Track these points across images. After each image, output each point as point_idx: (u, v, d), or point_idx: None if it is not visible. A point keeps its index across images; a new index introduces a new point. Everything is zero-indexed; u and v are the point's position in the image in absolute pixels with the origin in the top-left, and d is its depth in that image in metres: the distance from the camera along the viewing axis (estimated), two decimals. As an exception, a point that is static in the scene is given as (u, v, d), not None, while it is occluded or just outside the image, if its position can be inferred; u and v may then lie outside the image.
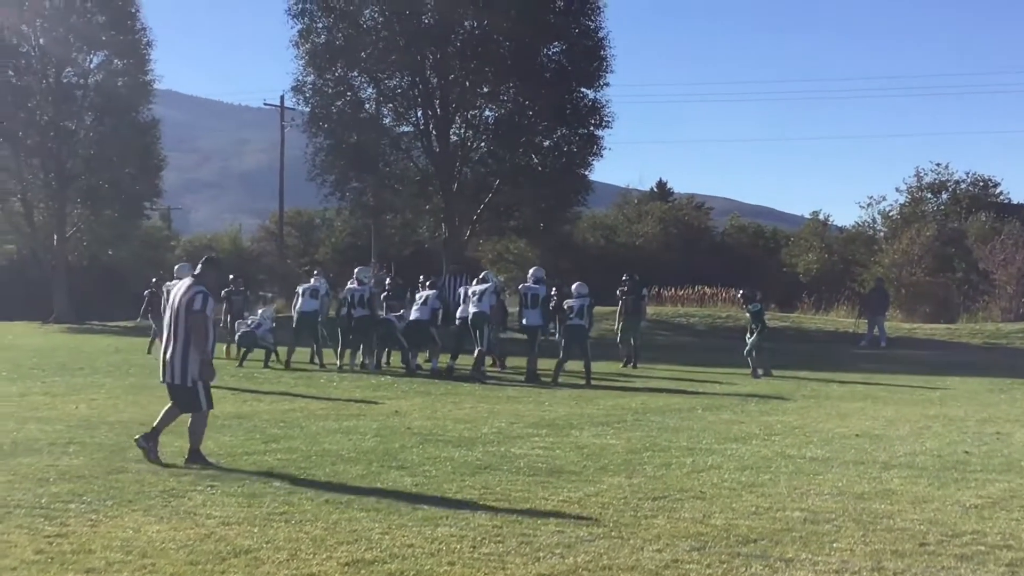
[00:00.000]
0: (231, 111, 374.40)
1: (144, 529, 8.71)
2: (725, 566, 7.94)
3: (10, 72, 49.90)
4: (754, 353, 25.57)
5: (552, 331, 26.94)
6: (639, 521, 9.31)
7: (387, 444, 13.52)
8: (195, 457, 11.86)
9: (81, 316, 49.23)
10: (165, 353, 12.10)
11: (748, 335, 25.97)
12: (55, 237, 51.44)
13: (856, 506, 10.09)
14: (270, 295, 60.85)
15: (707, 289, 49.64)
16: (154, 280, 31.57)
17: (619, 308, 29.69)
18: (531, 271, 25.53)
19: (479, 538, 8.59)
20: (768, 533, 8.94)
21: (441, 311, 26.73)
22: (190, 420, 12.06)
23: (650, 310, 44.86)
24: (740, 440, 14.48)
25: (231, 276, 30.92)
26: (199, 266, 12.43)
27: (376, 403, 18.49)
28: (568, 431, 15.19)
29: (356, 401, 18.73)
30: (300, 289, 26.88)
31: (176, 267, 23.75)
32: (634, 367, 27.50)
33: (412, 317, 25.16)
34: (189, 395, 12.04)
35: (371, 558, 7.96)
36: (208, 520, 9.06)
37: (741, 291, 27.98)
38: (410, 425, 15.48)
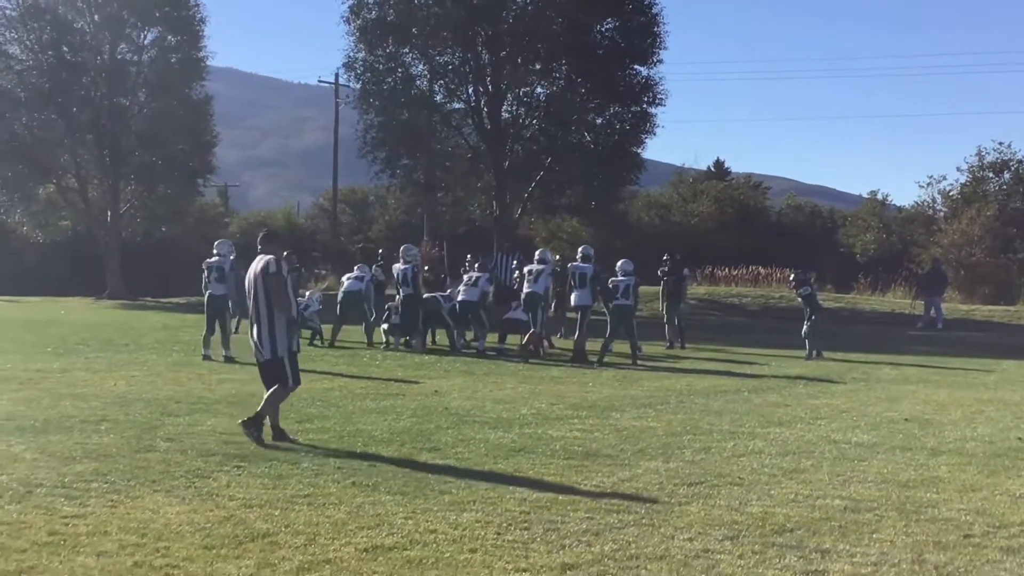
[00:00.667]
0: (290, 89, 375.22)
1: (163, 511, 8.52)
2: (758, 556, 7.64)
3: (64, 48, 50.00)
4: (810, 335, 25.13)
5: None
6: (672, 508, 9.01)
7: (422, 425, 13.29)
8: (254, 426, 11.66)
9: (135, 292, 49.42)
10: (253, 332, 12.05)
11: (806, 318, 25.52)
12: (109, 214, 51.61)
13: (900, 495, 9.74)
14: (323, 272, 60.98)
15: (761, 269, 49.13)
16: (287, 253, 31.32)
17: (661, 289, 29.28)
18: (580, 249, 25.27)
19: (505, 524, 8.34)
20: (806, 522, 8.62)
21: (491, 292, 26.46)
22: (268, 393, 11.96)
23: (702, 290, 44.73)
24: (784, 424, 14.13)
25: (285, 252, 30.72)
26: (261, 244, 12.38)
27: (417, 383, 18.27)
28: (609, 413, 14.90)
29: (397, 380, 18.51)
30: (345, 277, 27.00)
31: (216, 243, 23.47)
32: (682, 347, 27.12)
33: (461, 298, 24.93)
34: (277, 368, 11.97)
35: (391, 544, 7.73)
36: (230, 502, 8.85)
37: (793, 274, 27.49)
38: (448, 405, 15.24)
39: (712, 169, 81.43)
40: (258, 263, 12.03)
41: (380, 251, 30.24)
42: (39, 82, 49.61)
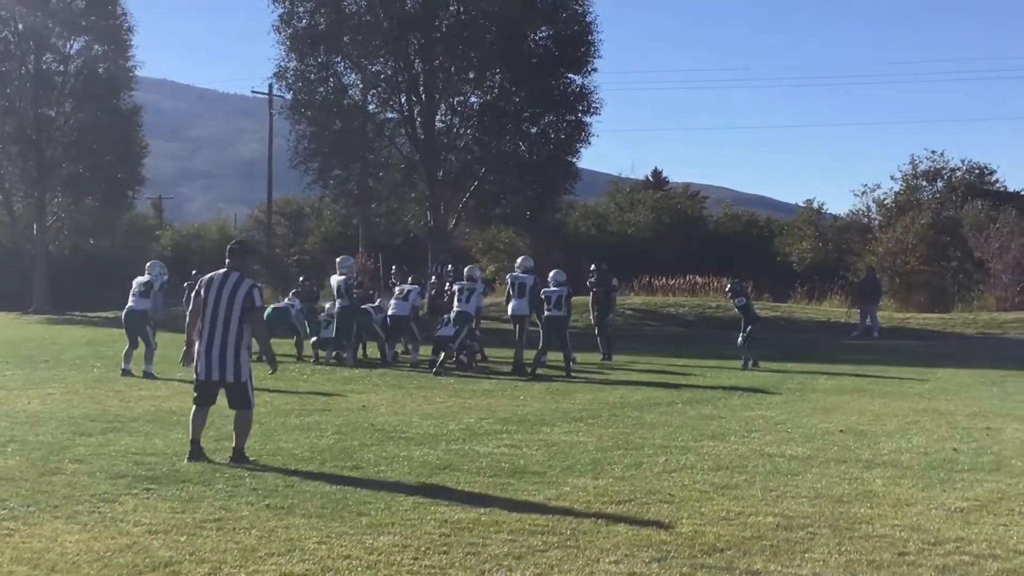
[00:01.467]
0: (227, 100, 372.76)
1: (62, 539, 8.05)
2: (686, 580, 7.32)
3: (-13, 58, 49.15)
4: (746, 345, 24.92)
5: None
6: (599, 528, 8.65)
7: (346, 442, 12.86)
8: (241, 457, 11.40)
9: (62, 307, 48.53)
10: (210, 348, 11.47)
11: (742, 328, 25.28)
12: (35, 226, 50.70)
13: (834, 510, 9.44)
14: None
15: (699, 279, 48.90)
16: (194, 272, 30.81)
17: (591, 299, 28.93)
18: (519, 260, 25.02)
19: (423, 548, 7.95)
20: (736, 541, 8.29)
21: (424, 305, 26.08)
22: (237, 417, 11.58)
23: (638, 299, 44.51)
24: (718, 437, 13.83)
25: (301, 278, 30.27)
26: (231, 257, 11.80)
27: (344, 397, 17.86)
28: (539, 427, 14.54)
29: (325, 395, 18.09)
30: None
31: (148, 264, 22.67)
32: (607, 359, 26.68)
33: (391, 312, 24.55)
34: (243, 391, 11.57)
35: (300, 572, 7.33)
36: (134, 528, 8.40)
37: (728, 284, 27.26)
38: (374, 421, 14.83)
39: (650, 179, 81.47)
40: (238, 288, 11.49)
41: (301, 278, 29.75)
42: (-38, 92, 48.72)
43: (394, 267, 29.01)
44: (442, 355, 23.04)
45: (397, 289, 25.42)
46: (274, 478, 10.50)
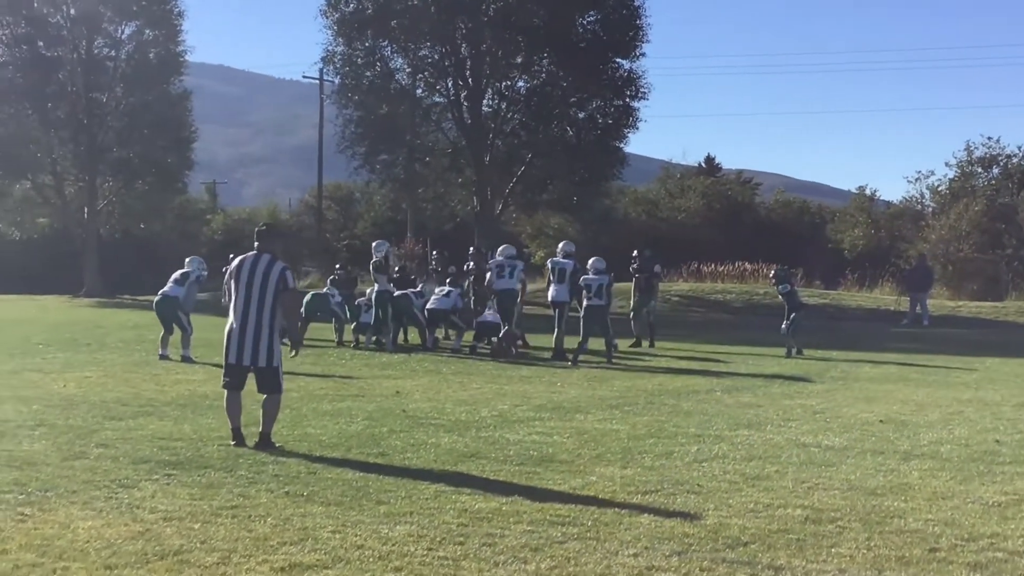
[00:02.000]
0: (283, 85, 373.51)
1: (75, 525, 7.94)
2: (705, 574, 7.10)
3: (40, 43, 49.37)
4: (791, 333, 24.61)
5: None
6: (621, 519, 8.44)
7: (375, 428, 12.71)
8: (267, 442, 11.30)
9: (112, 290, 48.78)
10: (243, 332, 11.37)
11: (786, 315, 24.97)
12: (86, 210, 50.98)
13: (866, 503, 9.19)
14: (309, 270, 60.33)
15: (748, 265, 48.52)
16: (231, 256, 30.55)
17: (633, 285, 28.62)
18: (560, 245, 24.86)
19: (439, 539, 7.78)
20: (762, 535, 8.07)
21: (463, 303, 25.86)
22: (266, 402, 11.49)
23: (685, 286, 44.19)
24: (753, 426, 13.57)
25: (337, 266, 30.32)
26: (260, 239, 11.69)
27: (380, 382, 17.72)
28: (573, 415, 14.34)
29: (360, 380, 17.96)
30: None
31: (187, 259, 22.62)
32: (651, 346, 26.42)
33: (430, 305, 24.40)
34: (275, 376, 11.51)
35: (310, 562, 7.17)
36: (150, 515, 8.28)
37: (773, 271, 26.90)
38: (407, 407, 14.67)
39: (703, 165, 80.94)
40: (270, 270, 11.37)
41: (337, 266, 29.71)
42: (13, 77, 48.98)
43: (435, 251, 28.85)
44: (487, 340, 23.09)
45: (438, 288, 25.24)
46: (297, 464, 10.37)
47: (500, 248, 25.02)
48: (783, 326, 24.84)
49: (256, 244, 11.67)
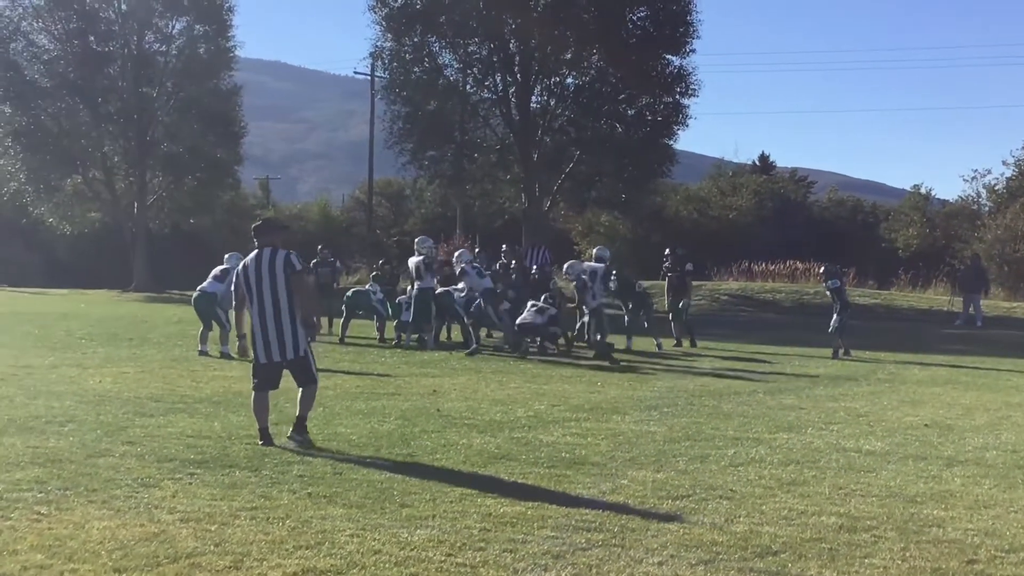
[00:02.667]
0: (337, 81, 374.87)
1: (89, 525, 7.80)
2: (731, 586, 6.87)
3: (91, 37, 49.64)
4: (838, 333, 24.23)
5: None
6: (648, 526, 8.20)
7: (406, 428, 12.52)
8: (302, 427, 11.30)
9: (161, 285, 48.98)
10: (266, 331, 11.30)
11: (835, 313, 24.60)
12: (136, 205, 51.21)
13: (904, 511, 8.89)
14: (359, 265, 60.31)
15: (799, 264, 48.04)
16: (320, 247, 30.24)
17: (666, 285, 28.27)
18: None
19: (459, 544, 7.57)
20: (793, 543, 7.80)
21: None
22: (303, 393, 11.43)
23: (735, 285, 43.78)
24: (794, 429, 13.27)
25: (319, 247, 30.14)
26: (257, 236, 11.59)
27: (418, 380, 17.54)
28: (610, 416, 14.09)
29: (397, 378, 17.77)
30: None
31: (227, 255, 22.54)
32: (692, 346, 26.11)
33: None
34: (306, 364, 11.46)
35: (324, 567, 6.99)
36: (168, 515, 8.13)
37: (823, 266, 26.50)
38: (442, 406, 14.47)
39: (756, 163, 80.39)
40: (273, 258, 11.29)
41: (380, 261, 29.62)
42: (65, 72, 49.27)
43: (477, 249, 28.63)
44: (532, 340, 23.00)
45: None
46: (323, 464, 10.20)
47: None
48: (831, 326, 24.46)
49: (256, 240, 11.58)
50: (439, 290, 24.11)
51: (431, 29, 44.26)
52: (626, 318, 25.25)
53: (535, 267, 28.05)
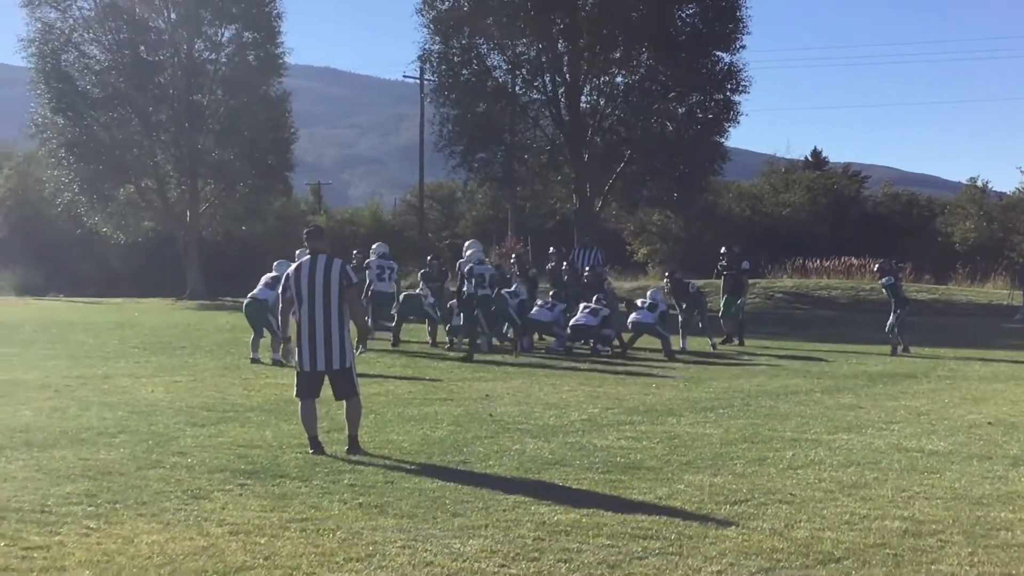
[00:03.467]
0: (388, 86, 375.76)
1: (139, 539, 7.71)
2: (793, 594, 6.66)
3: (141, 47, 49.85)
4: (895, 330, 23.89)
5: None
6: (707, 532, 8.02)
7: (460, 434, 12.36)
8: (355, 445, 11.18)
9: (215, 292, 49.07)
10: (312, 338, 11.18)
11: (892, 310, 24.25)
12: (188, 213, 51.38)
13: (970, 514, 8.66)
14: (411, 269, 60.22)
15: (854, 260, 47.59)
16: (355, 252, 29.87)
17: (721, 283, 27.99)
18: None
19: (513, 554, 7.43)
20: (856, 549, 7.59)
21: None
22: (347, 407, 11.36)
23: (790, 282, 43.43)
24: (854, 429, 13.03)
25: (354, 251, 30.00)
26: (312, 240, 11.50)
27: (471, 385, 17.38)
28: (665, 418, 13.88)
29: (451, 383, 17.61)
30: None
31: (276, 263, 22.49)
32: (740, 344, 25.86)
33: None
34: (349, 378, 11.34)
35: (375, 580, 6.85)
36: (217, 528, 8.03)
37: (877, 264, 26.15)
38: (494, 411, 14.30)
39: (809, 159, 79.73)
40: (329, 266, 11.22)
41: (429, 257, 29.47)
42: (116, 82, 49.50)
43: (514, 256, 28.42)
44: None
45: (540, 301, 24.91)
46: (375, 473, 10.07)
47: (374, 247, 25.07)
48: (888, 322, 24.11)
49: (308, 245, 11.50)
50: (491, 294, 23.90)
51: (479, 31, 44.06)
52: (680, 318, 25.00)
53: (587, 268, 27.83)
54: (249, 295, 21.47)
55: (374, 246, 25.13)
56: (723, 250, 28.05)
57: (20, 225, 60.08)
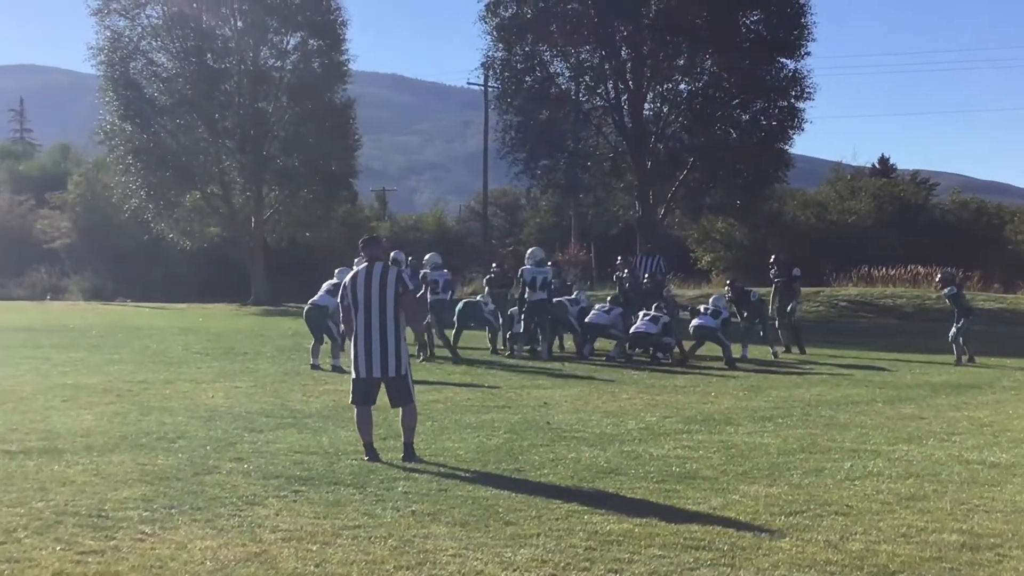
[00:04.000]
0: (454, 92, 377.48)
1: (192, 545, 7.73)
2: (845, 608, 6.58)
3: (208, 55, 50.38)
4: (960, 339, 23.62)
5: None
6: (760, 544, 7.92)
7: (515, 442, 12.33)
8: (411, 453, 11.19)
9: (279, 298, 49.43)
10: (369, 344, 11.24)
11: (955, 320, 23.97)
12: (253, 220, 51.84)
13: (1031, 528, 8.50)
14: (473, 275, 60.33)
15: (920, 268, 47.08)
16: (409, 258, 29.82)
17: (772, 291, 27.86)
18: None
19: (563, 564, 7.38)
20: (912, 562, 7.48)
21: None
22: (403, 415, 11.40)
23: (854, 290, 43.02)
24: (914, 440, 12.86)
25: (408, 257, 29.95)
26: (369, 248, 11.61)
27: (529, 392, 17.36)
28: (723, 427, 13.79)
29: (510, 390, 17.59)
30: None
31: (337, 270, 22.59)
32: (801, 352, 25.73)
33: (588, 319, 23.97)
34: (404, 385, 11.37)
35: (425, 588, 6.84)
36: (271, 534, 8.04)
37: (940, 273, 25.89)
38: (552, 419, 14.27)
39: (876, 166, 79.07)
40: (385, 273, 11.27)
41: (493, 264, 29.45)
42: (183, 89, 50.06)
43: (549, 262, 28.40)
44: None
45: (598, 305, 24.87)
46: (429, 481, 10.07)
47: (427, 257, 25.00)
48: (951, 332, 23.84)
49: (365, 254, 11.59)
50: (552, 300, 23.92)
51: (542, 38, 44.18)
52: (742, 326, 24.87)
53: (646, 275, 27.76)
54: (310, 301, 21.57)
55: (427, 256, 24.99)
56: (772, 259, 28.11)
57: (89, 231, 60.83)
